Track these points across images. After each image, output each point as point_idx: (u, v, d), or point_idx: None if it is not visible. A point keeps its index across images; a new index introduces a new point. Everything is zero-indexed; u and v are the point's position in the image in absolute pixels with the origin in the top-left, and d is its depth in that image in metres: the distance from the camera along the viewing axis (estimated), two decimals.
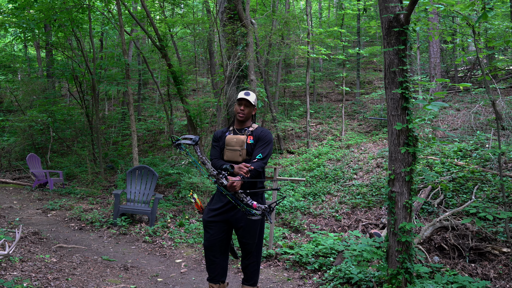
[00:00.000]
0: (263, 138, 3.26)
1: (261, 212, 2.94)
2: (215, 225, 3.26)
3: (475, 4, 4.52)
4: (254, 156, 3.19)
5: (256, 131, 3.32)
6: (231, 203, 3.13)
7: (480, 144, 8.01)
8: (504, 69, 13.19)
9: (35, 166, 10.08)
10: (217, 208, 3.26)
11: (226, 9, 8.80)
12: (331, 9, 22.61)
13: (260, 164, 3.13)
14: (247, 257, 3.37)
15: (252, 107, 3.35)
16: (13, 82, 16.52)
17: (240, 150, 3.22)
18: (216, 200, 3.31)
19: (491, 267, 4.47)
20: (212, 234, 3.26)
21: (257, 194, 3.22)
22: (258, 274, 3.45)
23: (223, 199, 3.22)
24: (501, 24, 10.29)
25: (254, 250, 3.35)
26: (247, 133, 3.30)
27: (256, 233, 3.30)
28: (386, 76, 3.83)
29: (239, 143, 3.24)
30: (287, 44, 12.68)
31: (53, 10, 9.52)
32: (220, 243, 3.28)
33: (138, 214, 6.83)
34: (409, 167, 3.70)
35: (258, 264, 3.42)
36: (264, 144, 3.23)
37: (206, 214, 3.30)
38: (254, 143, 3.26)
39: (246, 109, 3.32)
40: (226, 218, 3.25)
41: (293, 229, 6.58)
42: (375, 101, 13.62)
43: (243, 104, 3.31)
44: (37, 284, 3.75)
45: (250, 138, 3.28)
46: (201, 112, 10.50)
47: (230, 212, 3.22)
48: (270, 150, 3.25)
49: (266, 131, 3.34)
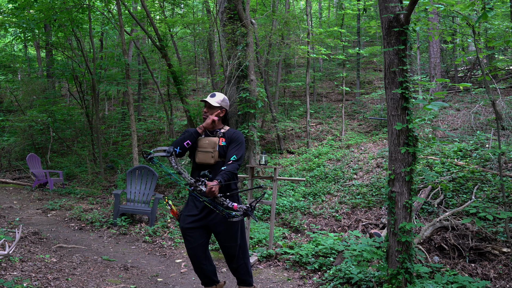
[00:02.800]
0: (235, 139, 3.25)
1: (243, 213, 2.92)
2: (194, 232, 3.22)
3: (475, 4, 4.52)
4: (228, 158, 3.17)
5: (228, 133, 3.31)
6: (207, 208, 3.10)
7: (480, 144, 8.01)
8: (504, 69, 13.19)
9: (35, 166, 10.08)
10: (194, 215, 3.22)
11: (226, 9, 8.80)
12: (331, 9, 22.61)
13: (235, 166, 3.12)
14: (233, 260, 3.33)
15: (216, 109, 3.33)
16: (13, 82, 16.52)
17: (213, 152, 3.21)
18: (191, 205, 3.26)
19: (491, 267, 4.47)
20: (193, 241, 3.22)
21: (233, 195, 3.19)
22: (250, 275, 3.42)
23: (198, 205, 3.19)
24: (501, 24, 10.29)
25: (239, 251, 3.31)
26: (219, 135, 3.29)
27: (237, 235, 3.27)
28: (386, 76, 3.83)
29: (211, 145, 3.23)
30: (287, 44, 12.68)
31: (53, 10, 9.52)
32: (203, 249, 3.26)
33: (138, 214, 6.83)
34: (409, 167, 3.70)
35: (246, 265, 3.39)
36: (237, 145, 3.22)
37: (184, 221, 3.24)
38: (227, 145, 3.24)
39: (209, 110, 3.32)
40: (205, 224, 3.22)
41: (293, 229, 6.58)
42: (375, 101, 13.61)
43: (206, 106, 3.32)
44: (37, 284, 3.76)
45: (223, 140, 3.26)
46: (201, 112, 10.50)
47: (208, 217, 3.19)
48: (243, 151, 3.24)
49: (238, 132, 3.33)
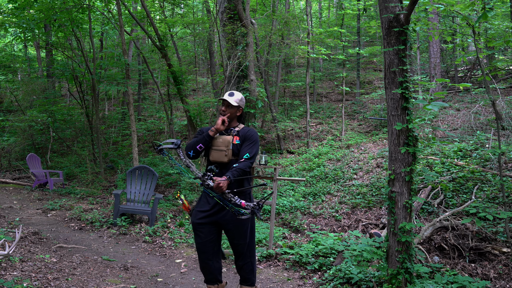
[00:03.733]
0: (249, 137, 3.25)
1: (250, 210, 2.93)
2: (204, 228, 3.23)
3: (475, 4, 4.52)
4: (241, 155, 3.18)
5: (242, 131, 3.30)
6: (219, 204, 3.11)
7: (480, 144, 8.01)
8: (504, 69, 13.19)
9: (35, 166, 10.08)
10: (205, 210, 3.23)
11: (226, 9, 8.80)
12: (331, 9, 22.61)
13: (247, 164, 3.12)
14: (240, 258, 3.34)
15: (235, 108, 3.33)
16: (13, 82, 16.52)
17: (226, 151, 3.21)
18: (203, 201, 3.28)
19: (491, 267, 4.47)
20: (203, 237, 3.23)
21: (244, 192, 3.19)
22: (254, 274, 3.43)
23: (210, 201, 3.20)
24: (501, 24, 10.29)
25: (247, 250, 3.32)
26: (233, 133, 3.29)
27: (246, 233, 3.28)
28: (386, 76, 3.83)
29: (225, 143, 3.23)
30: (287, 44, 12.68)
31: (53, 10, 9.51)
32: (212, 245, 3.26)
33: (138, 214, 6.83)
34: (409, 167, 3.70)
35: (253, 264, 3.40)
36: (251, 143, 3.22)
37: (195, 217, 3.27)
38: (241, 143, 3.24)
39: (228, 109, 3.31)
40: (216, 220, 3.22)
41: (293, 229, 6.58)
42: (375, 101, 13.61)
43: (225, 105, 3.31)
44: (37, 284, 3.76)
45: (236, 138, 3.26)
46: (201, 112, 10.50)
47: (219, 213, 3.20)
48: (256, 150, 3.24)
49: (253, 130, 3.33)
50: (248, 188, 3.23)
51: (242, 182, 3.21)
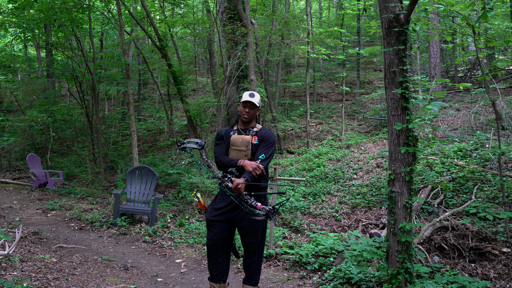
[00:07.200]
0: (267, 139, 3.29)
1: (265, 213, 2.95)
2: (218, 224, 3.28)
3: (475, 4, 4.52)
4: (256, 156, 3.21)
5: (261, 132, 3.34)
6: (234, 202, 3.15)
7: (480, 144, 8.01)
8: (504, 69, 13.19)
9: (35, 166, 10.08)
10: (220, 208, 3.28)
11: (226, 9, 8.79)
12: (331, 9, 22.61)
13: (263, 165, 3.15)
14: (249, 256, 3.39)
15: (256, 108, 3.37)
16: (13, 82, 16.51)
17: (246, 151, 3.25)
18: (219, 199, 3.33)
19: (491, 267, 4.47)
20: (216, 233, 3.28)
21: (260, 195, 3.23)
22: (259, 274, 3.47)
23: (226, 199, 3.24)
24: (501, 24, 10.28)
25: (256, 249, 3.37)
26: (252, 134, 3.32)
27: (259, 233, 3.32)
28: (386, 76, 3.83)
29: (244, 143, 3.27)
30: (287, 44, 12.68)
31: (53, 10, 9.51)
32: (223, 242, 3.30)
33: (138, 214, 6.83)
34: (409, 167, 3.70)
35: (259, 263, 3.44)
36: (268, 145, 3.26)
37: (210, 213, 3.33)
38: (259, 144, 3.28)
39: (251, 111, 3.33)
40: (230, 218, 3.27)
41: (293, 229, 6.58)
42: (375, 101, 13.61)
43: (248, 106, 3.32)
44: (37, 284, 3.76)
45: (255, 138, 3.30)
46: (201, 112, 10.51)
47: (233, 211, 3.24)
48: (273, 152, 3.28)
49: (270, 132, 3.36)
50: (267, 194, 3.28)
51: (259, 182, 3.23)
